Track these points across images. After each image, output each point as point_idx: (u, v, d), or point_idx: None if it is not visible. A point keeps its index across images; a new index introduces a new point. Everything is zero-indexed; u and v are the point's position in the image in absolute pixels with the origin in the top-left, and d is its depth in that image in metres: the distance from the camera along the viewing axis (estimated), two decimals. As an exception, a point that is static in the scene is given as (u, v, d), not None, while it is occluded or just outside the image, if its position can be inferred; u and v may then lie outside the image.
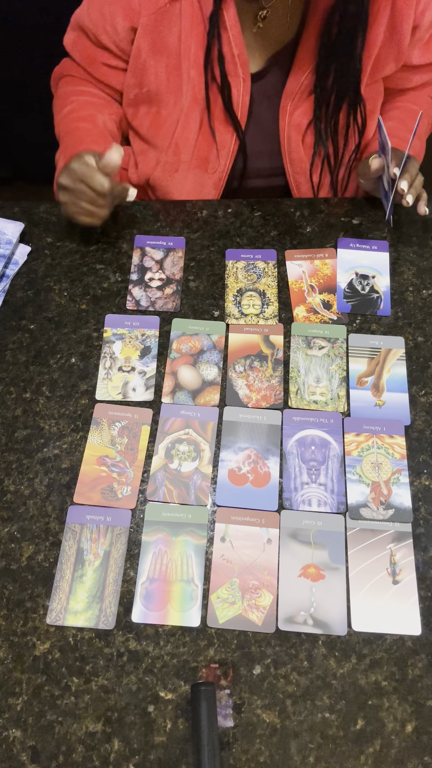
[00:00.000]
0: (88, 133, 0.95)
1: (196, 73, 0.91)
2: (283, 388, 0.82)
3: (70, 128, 0.97)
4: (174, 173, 1.00)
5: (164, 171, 1.01)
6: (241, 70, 0.91)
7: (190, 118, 0.94)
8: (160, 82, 0.93)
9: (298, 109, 0.95)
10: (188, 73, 0.91)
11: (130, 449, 0.78)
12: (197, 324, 0.88)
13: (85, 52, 0.97)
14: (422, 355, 0.85)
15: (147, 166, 1.02)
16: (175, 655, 0.66)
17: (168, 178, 1.01)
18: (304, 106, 0.95)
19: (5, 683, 0.65)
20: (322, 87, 0.91)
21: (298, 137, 0.97)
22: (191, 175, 1.00)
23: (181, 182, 1.01)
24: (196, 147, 0.97)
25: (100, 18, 0.91)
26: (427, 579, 0.70)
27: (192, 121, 0.95)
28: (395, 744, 0.62)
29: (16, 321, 0.89)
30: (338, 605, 0.68)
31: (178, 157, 0.99)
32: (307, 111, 0.95)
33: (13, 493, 0.75)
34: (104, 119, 0.99)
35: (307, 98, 0.94)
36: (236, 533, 0.72)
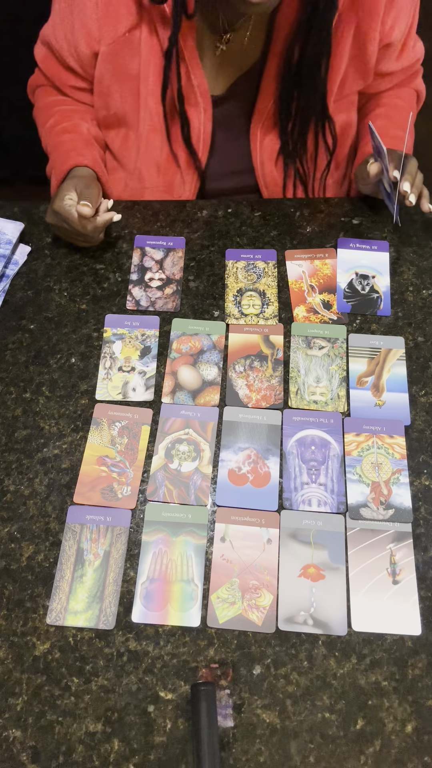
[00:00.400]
0: (73, 144, 0.95)
1: (153, 102, 0.91)
2: (283, 388, 0.82)
3: (56, 142, 0.97)
4: (139, 200, 1.01)
5: (131, 196, 1.02)
6: (201, 100, 0.91)
7: (151, 145, 0.95)
8: (126, 105, 0.93)
9: (269, 134, 0.95)
10: (146, 102, 0.91)
11: (130, 449, 0.78)
12: (197, 324, 0.88)
13: (54, 71, 0.97)
14: (422, 355, 0.85)
15: (116, 187, 1.03)
16: (175, 655, 0.66)
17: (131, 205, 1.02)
18: (273, 132, 0.95)
19: (5, 683, 0.65)
20: (286, 112, 0.91)
21: (271, 162, 0.98)
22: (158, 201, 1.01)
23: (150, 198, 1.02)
24: (160, 173, 0.98)
25: (64, 42, 0.90)
26: (427, 579, 0.70)
27: (153, 148, 0.95)
28: (395, 744, 0.62)
29: (16, 321, 0.89)
30: (338, 605, 0.68)
31: (142, 184, 1.00)
32: (276, 136, 0.95)
33: (13, 493, 0.75)
34: (88, 126, 0.98)
35: (275, 124, 0.94)
36: (236, 533, 0.72)
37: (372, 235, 0.96)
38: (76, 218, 0.84)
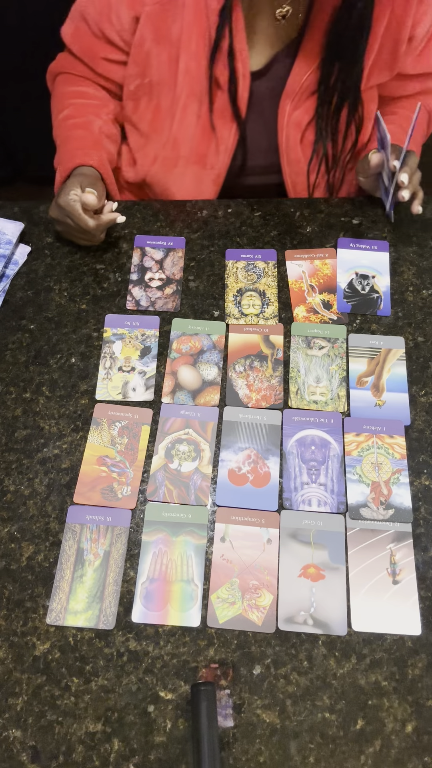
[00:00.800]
0: (82, 143, 0.95)
1: (195, 66, 0.90)
2: (283, 388, 0.82)
3: (65, 136, 0.97)
4: (173, 169, 1.00)
5: (163, 167, 1.01)
6: (242, 66, 0.90)
7: (187, 112, 0.94)
8: (162, 72, 0.93)
9: (299, 108, 0.95)
10: (186, 66, 0.90)
11: (130, 449, 0.78)
12: (197, 324, 0.88)
13: (86, 45, 0.96)
14: (422, 355, 0.85)
15: (145, 162, 1.02)
16: (175, 655, 0.66)
17: (166, 174, 1.01)
18: (305, 105, 0.95)
19: (5, 683, 0.65)
20: (325, 85, 0.91)
21: (296, 136, 0.97)
22: (189, 171, 1.00)
23: (179, 178, 1.01)
24: (194, 142, 0.97)
25: (105, 7, 0.90)
26: (427, 579, 0.70)
27: (189, 115, 0.94)
28: (395, 744, 0.62)
29: (16, 321, 0.89)
30: (338, 605, 0.68)
31: (176, 152, 0.98)
32: (308, 110, 0.95)
33: (13, 493, 0.75)
34: (101, 124, 0.98)
35: (308, 97, 0.94)
36: (236, 533, 0.72)
37: (372, 235, 0.96)
38: (80, 214, 0.84)
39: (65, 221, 0.87)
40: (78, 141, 0.95)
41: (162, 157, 1.00)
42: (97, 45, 0.95)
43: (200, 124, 0.95)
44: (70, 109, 0.98)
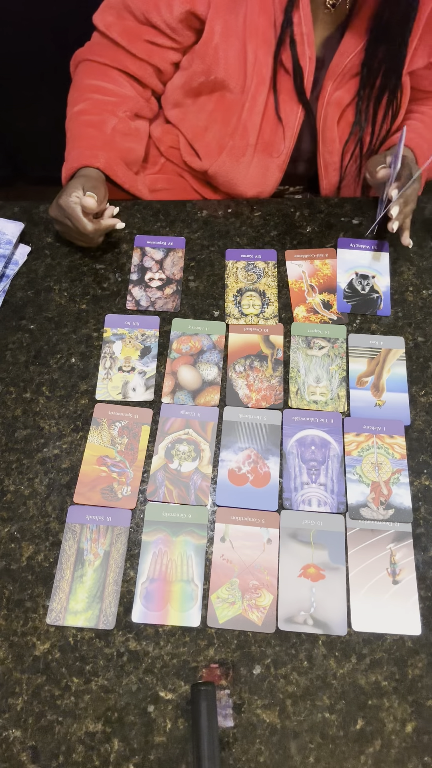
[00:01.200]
0: (91, 142, 0.94)
1: (263, 54, 0.90)
2: (283, 388, 0.82)
3: (77, 133, 0.96)
4: (241, 158, 1.00)
5: (230, 156, 1.01)
6: (308, 50, 0.90)
7: (257, 101, 0.94)
8: (230, 65, 0.93)
9: (340, 89, 0.95)
10: (255, 55, 0.91)
11: (130, 449, 0.78)
12: (197, 324, 0.88)
13: (128, 29, 0.95)
14: (422, 355, 0.85)
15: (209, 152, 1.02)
16: (175, 655, 0.66)
17: (234, 164, 1.01)
18: (347, 86, 0.94)
19: (5, 683, 0.65)
20: (369, 67, 0.91)
21: (334, 117, 0.97)
22: (256, 159, 1.01)
23: (245, 168, 1.01)
24: (261, 130, 0.97)
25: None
26: (427, 579, 0.70)
27: (259, 104, 0.95)
28: (395, 744, 0.62)
29: (16, 321, 0.89)
30: (338, 605, 0.68)
31: (245, 141, 0.99)
32: (349, 90, 0.95)
33: (13, 493, 0.75)
34: (115, 122, 0.97)
35: (350, 79, 0.94)
36: (236, 533, 0.72)
37: (372, 235, 0.96)
38: (79, 216, 0.84)
39: (64, 222, 0.87)
40: (87, 140, 0.94)
41: (230, 146, 1.00)
42: (141, 29, 0.94)
43: (267, 111, 0.95)
44: (86, 104, 0.97)
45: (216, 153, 1.02)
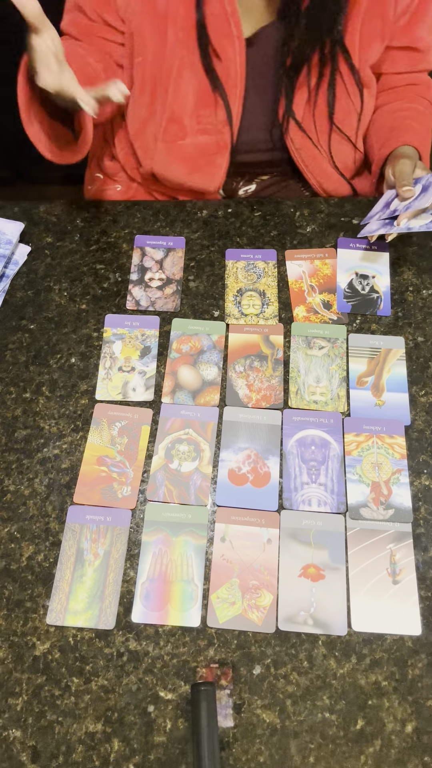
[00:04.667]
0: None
1: (185, 36, 0.89)
2: (283, 388, 0.82)
3: None
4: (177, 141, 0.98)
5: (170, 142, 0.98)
6: (235, 30, 0.89)
7: (181, 83, 0.93)
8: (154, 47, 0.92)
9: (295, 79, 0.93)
10: (176, 37, 0.89)
11: (130, 449, 0.78)
12: (197, 324, 0.88)
13: (82, 27, 0.94)
14: (422, 355, 0.85)
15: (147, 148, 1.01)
16: (175, 655, 0.66)
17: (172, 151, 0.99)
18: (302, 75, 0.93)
19: (5, 683, 0.65)
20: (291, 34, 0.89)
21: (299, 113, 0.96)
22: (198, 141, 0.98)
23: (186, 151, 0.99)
24: (195, 111, 0.96)
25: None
26: (427, 579, 0.70)
27: (183, 85, 0.93)
28: (395, 744, 0.62)
29: (16, 321, 0.89)
30: (338, 605, 0.68)
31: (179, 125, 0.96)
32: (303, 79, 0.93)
33: (13, 493, 0.75)
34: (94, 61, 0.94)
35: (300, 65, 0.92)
36: (236, 533, 0.72)
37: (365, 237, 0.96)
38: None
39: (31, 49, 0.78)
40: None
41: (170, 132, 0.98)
42: (93, 27, 0.93)
43: (200, 92, 0.94)
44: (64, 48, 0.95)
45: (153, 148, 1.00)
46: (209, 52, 0.90)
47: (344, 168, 1.04)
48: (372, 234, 0.89)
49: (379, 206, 0.92)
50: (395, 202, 0.88)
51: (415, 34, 0.96)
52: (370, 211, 0.95)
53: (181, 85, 0.93)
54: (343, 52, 0.91)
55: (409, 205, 0.84)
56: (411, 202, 0.84)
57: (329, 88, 0.94)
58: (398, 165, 0.89)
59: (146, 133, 1.01)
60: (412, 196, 0.85)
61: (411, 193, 0.85)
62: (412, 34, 0.96)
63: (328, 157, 1.01)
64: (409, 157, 0.91)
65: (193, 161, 1.00)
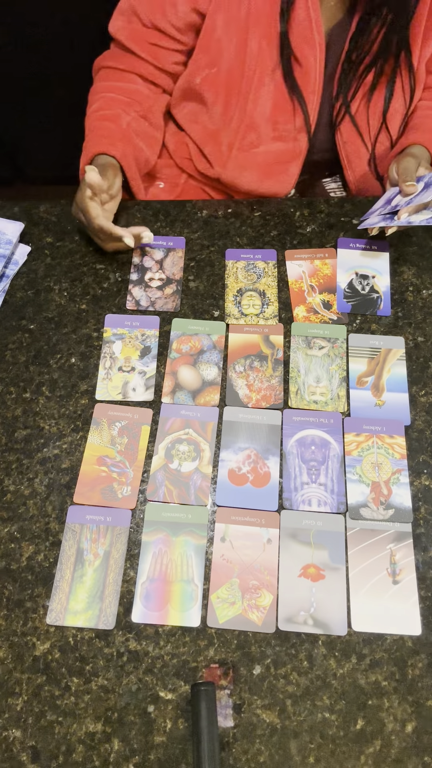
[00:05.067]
0: (110, 133, 0.94)
1: (266, 44, 0.90)
2: (283, 388, 0.82)
3: (94, 126, 0.96)
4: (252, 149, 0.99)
5: (245, 150, 0.99)
6: (317, 36, 0.89)
7: (261, 92, 0.93)
8: (231, 58, 0.92)
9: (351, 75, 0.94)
10: (259, 45, 0.90)
11: (130, 449, 0.78)
12: (197, 324, 0.88)
13: (134, 32, 0.96)
14: (422, 355, 0.85)
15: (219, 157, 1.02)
16: (175, 655, 0.66)
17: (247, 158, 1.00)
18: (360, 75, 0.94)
19: (5, 683, 0.65)
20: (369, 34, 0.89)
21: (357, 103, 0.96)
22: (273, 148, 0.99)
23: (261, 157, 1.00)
24: (270, 120, 0.96)
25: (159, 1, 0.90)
26: (427, 579, 0.70)
27: (264, 94, 0.94)
28: (395, 744, 0.62)
29: (16, 321, 0.89)
30: (338, 605, 0.68)
31: (256, 132, 0.97)
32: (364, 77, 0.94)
33: (13, 493, 0.75)
34: (129, 120, 0.97)
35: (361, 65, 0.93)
36: (236, 533, 0.72)
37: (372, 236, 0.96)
38: (87, 205, 0.84)
39: (80, 217, 0.87)
40: (105, 131, 0.94)
41: (247, 142, 0.98)
42: (147, 32, 0.95)
43: (277, 99, 0.94)
44: (100, 102, 0.97)
45: (226, 156, 1.01)
46: (290, 59, 0.91)
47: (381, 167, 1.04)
48: (372, 226, 0.89)
49: (381, 202, 0.92)
50: (397, 198, 0.88)
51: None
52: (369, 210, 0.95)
53: (261, 94, 0.94)
54: (406, 50, 0.92)
55: (411, 201, 0.84)
56: (413, 198, 0.85)
57: (388, 86, 0.94)
58: (402, 162, 0.89)
59: (219, 141, 1.01)
60: (414, 192, 0.85)
61: (414, 188, 0.85)
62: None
63: (370, 154, 1.01)
64: (415, 156, 0.91)
65: (267, 168, 1.01)
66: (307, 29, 0.89)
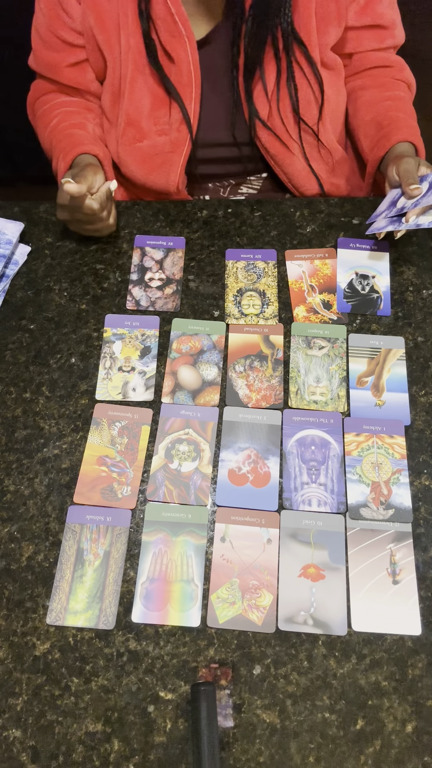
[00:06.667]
0: (81, 140, 0.95)
1: (135, 41, 0.90)
2: (283, 388, 0.82)
3: (64, 135, 0.97)
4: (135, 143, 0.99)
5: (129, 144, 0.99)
6: (184, 29, 0.89)
7: (135, 87, 0.94)
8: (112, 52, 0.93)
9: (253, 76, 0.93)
10: (127, 42, 0.91)
11: (130, 449, 0.78)
12: (197, 324, 0.88)
13: (47, 60, 0.97)
14: (422, 355, 0.85)
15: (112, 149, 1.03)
16: (175, 655, 0.66)
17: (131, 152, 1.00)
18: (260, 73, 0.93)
19: (5, 683, 0.65)
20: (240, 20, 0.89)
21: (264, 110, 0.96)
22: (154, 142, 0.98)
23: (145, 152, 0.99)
24: (151, 113, 0.96)
25: (52, 8, 0.92)
26: (427, 579, 0.70)
27: (137, 90, 0.94)
28: (395, 744, 0.62)
29: (16, 321, 0.89)
30: (338, 605, 0.68)
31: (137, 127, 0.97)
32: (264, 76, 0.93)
33: (13, 493, 0.75)
34: (92, 127, 0.99)
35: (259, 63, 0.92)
36: (236, 533, 0.72)
37: (372, 236, 0.96)
38: (81, 201, 0.84)
39: (74, 218, 0.88)
40: (78, 137, 0.95)
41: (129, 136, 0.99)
42: (56, 57, 0.96)
43: (154, 94, 0.95)
44: (59, 117, 0.99)
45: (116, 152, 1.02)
46: (159, 55, 0.91)
47: (314, 161, 1.03)
48: (380, 231, 0.89)
49: (385, 205, 0.92)
50: (402, 200, 0.88)
51: (376, 11, 0.97)
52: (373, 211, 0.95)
53: (135, 90, 0.94)
54: (298, 43, 0.91)
55: (417, 202, 0.84)
56: (418, 199, 0.84)
57: (289, 82, 0.94)
58: (402, 164, 0.88)
59: (111, 138, 1.02)
60: (419, 194, 0.85)
61: (418, 191, 0.84)
62: (373, 12, 0.96)
63: (300, 151, 1.01)
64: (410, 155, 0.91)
65: (150, 161, 1.01)
66: (171, 24, 0.89)
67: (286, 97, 0.95)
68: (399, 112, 0.98)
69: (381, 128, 0.98)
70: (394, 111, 0.98)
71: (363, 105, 1.03)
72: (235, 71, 0.94)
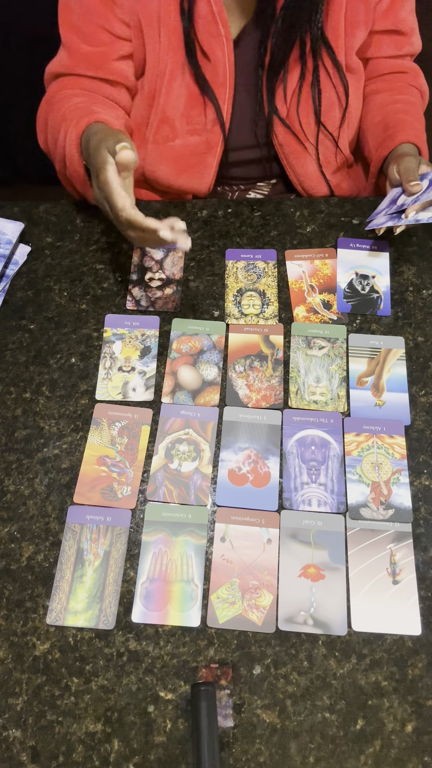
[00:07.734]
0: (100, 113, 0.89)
1: (177, 40, 0.90)
2: (283, 388, 0.82)
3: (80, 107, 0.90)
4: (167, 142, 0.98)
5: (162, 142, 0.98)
6: (223, 29, 0.89)
7: (173, 86, 0.94)
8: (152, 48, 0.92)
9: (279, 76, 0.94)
10: (169, 41, 0.90)
11: (130, 449, 0.78)
12: (197, 324, 0.88)
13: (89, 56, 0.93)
14: (422, 355, 0.85)
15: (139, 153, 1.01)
16: (175, 655, 0.66)
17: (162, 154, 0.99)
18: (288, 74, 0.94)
19: (5, 683, 0.65)
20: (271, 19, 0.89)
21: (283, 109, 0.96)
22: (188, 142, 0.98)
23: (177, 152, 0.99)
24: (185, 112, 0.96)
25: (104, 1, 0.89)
26: (427, 579, 0.70)
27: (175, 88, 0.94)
28: (395, 744, 0.62)
29: (16, 321, 0.89)
30: (338, 605, 0.68)
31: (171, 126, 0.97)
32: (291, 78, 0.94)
33: (13, 493, 0.75)
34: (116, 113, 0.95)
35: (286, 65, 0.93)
36: (236, 533, 0.72)
37: (372, 235, 0.96)
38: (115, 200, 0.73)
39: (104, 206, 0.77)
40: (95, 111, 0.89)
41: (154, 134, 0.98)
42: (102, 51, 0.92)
43: (190, 93, 0.95)
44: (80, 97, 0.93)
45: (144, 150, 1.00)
46: (198, 54, 0.91)
47: (326, 164, 1.03)
48: (380, 227, 0.89)
49: (385, 203, 0.92)
50: (402, 198, 0.88)
51: (398, 17, 0.97)
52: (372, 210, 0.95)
53: (173, 88, 0.94)
54: (326, 47, 0.92)
55: (417, 199, 0.84)
56: (418, 196, 0.85)
57: (314, 85, 0.94)
58: (403, 162, 0.89)
59: (141, 135, 1.01)
60: (420, 191, 0.85)
61: (419, 187, 0.85)
62: (395, 16, 0.96)
63: (314, 153, 1.01)
64: (412, 155, 0.91)
65: (183, 161, 1.00)
66: (212, 23, 0.89)
67: (308, 99, 0.96)
68: (407, 115, 0.99)
69: (387, 129, 0.99)
70: (402, 114, 0.99)
71: (373, 108, 1.03)
72: (261, 70, 0.94)
